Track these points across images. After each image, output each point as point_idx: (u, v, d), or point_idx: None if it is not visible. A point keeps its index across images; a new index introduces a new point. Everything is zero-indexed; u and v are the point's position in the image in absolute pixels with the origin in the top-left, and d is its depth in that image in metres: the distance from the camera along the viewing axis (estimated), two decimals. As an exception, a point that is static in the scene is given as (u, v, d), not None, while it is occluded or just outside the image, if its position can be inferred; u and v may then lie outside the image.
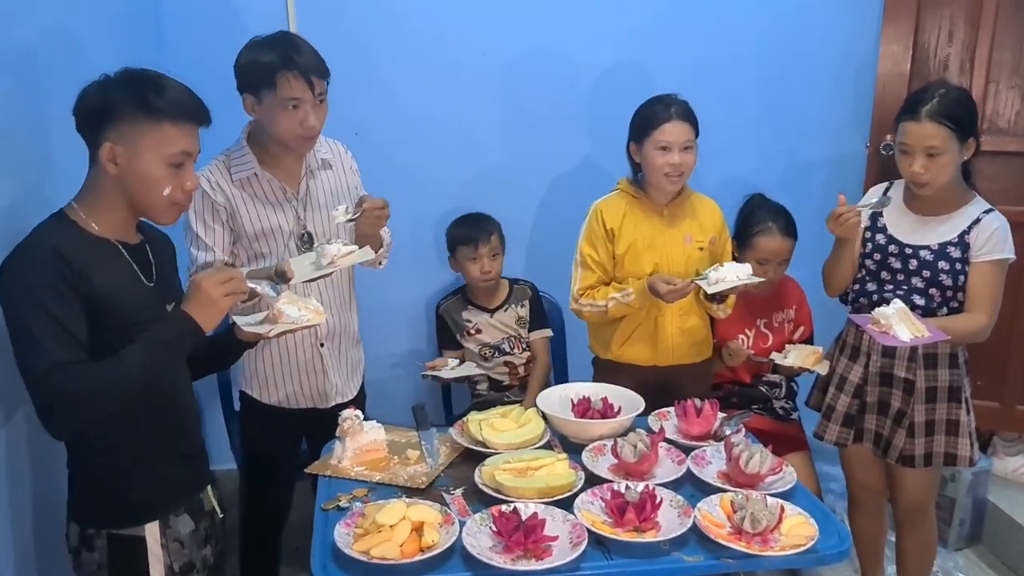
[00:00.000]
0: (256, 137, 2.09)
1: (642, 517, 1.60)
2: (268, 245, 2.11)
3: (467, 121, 2.98)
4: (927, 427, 2.25)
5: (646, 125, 2.33)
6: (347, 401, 2.27)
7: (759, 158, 3.10)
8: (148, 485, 1.58)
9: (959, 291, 2.18)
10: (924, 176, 2.11)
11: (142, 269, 1.57)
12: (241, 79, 2.01)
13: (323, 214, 2.15)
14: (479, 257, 2.72)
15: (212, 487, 1.74)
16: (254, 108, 2.01)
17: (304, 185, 2.14)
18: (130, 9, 2.45)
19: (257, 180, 2.09)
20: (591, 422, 1.99)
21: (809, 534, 1.59)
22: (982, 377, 2.75)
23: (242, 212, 2.07)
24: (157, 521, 1.58)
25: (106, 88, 1.47)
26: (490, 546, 1.56)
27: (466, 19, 2.90)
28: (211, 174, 2.07)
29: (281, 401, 2.23)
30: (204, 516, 1.69)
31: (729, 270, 2.23)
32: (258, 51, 1.98)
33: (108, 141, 1.45)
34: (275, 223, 2.10)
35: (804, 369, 2.53)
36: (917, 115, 2.08)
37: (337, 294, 2.23)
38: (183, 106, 1.50)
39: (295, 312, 1.68)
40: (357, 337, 2.36)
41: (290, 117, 1.97)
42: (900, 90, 2.94)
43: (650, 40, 2.99)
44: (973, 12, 2.87)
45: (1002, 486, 3.04)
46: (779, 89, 3.09)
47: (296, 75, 1.94)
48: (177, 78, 1.55)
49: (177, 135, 1.49)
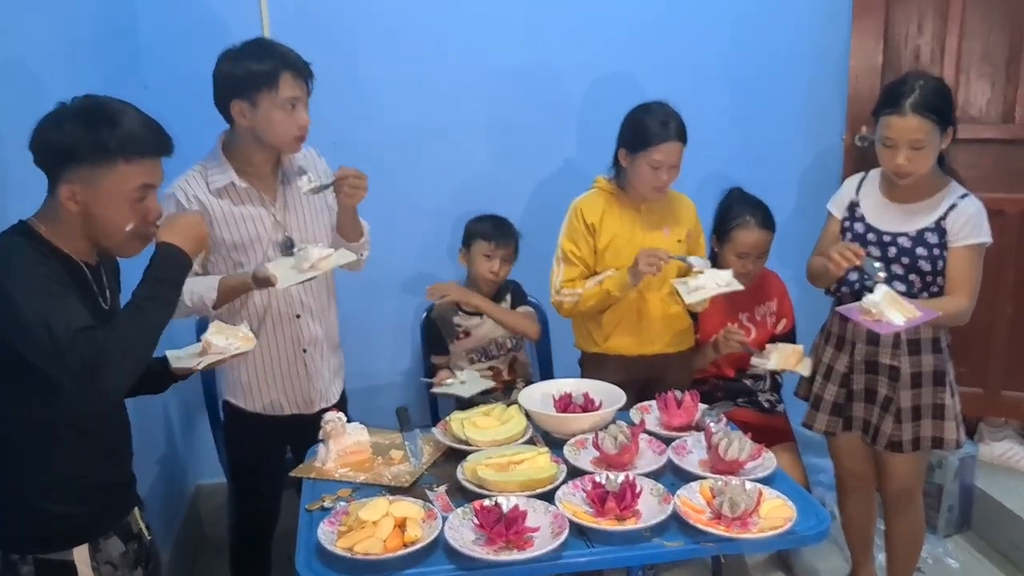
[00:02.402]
0: (231, 147, 2.10)
1: (623, 506, 1.62)
2: (247, 254, 2.11)
3: (447, 127, 3.00)
4: (913, 412, 2.27)
5: (642, 139, 2.34)
6: (330, 406, 2.27)
7: (737, 154, 3.13)
8: (76, 508, 1.53)
9: (939, 276, 2.20)
10: (908, 168, 2.12)
11: (100, 292, 1.56)
12: (231, 87, 2.00)
13: (303, 221, 2.17)
14: (494, 256, 2.75)
15: (139, 510, 1.69)
16: (245, 114, 2.01)
17: (281, 193, 2.16)
18: (106, 25, 2.47)
19: (235, 189, 2.10)
20: (572, 416, 2.01)
21: (787, 516, 1.61)
22: (966, 364, 2.78)
23: (219, 222, 2.08)
24: (87, 544, 1.53)
25: (61, 126, 1.43)
26: (473, 539, 1.57)
27: (444, 26, 2.93)
28: (187, 185, 2.07)
29: (265, 408, 2.24)
30: (133, 538, 1.64)
31: (709, 277, 2.26)
32: (247, 57, 1.99)
33: (66, 183, 1.43)
34: (254, 231, 2.11)
35: (786, 370, 2.56)
36: (900, 109, 2.08)
37: (318, 299, 2.24)
38: (140, 142, 1.46)
39: (223, 342, 1.65)
40: (337, 342, 2.37)
41: (288, 117, 2.01)
42: (873, 82, 2.98)
43: (629, 41, 3.01)
44: (942, 3, 2.91)
45: (989, 471, 3.06)
46: (755, 86, 3.13)
47: (295, 73, 1.99)
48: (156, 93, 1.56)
49: (136, 172, 1.46)
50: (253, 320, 2.14)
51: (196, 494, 3.12)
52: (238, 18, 2.77)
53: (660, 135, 2.31)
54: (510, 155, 3.07)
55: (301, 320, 2.20)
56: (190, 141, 1.58)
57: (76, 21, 2.24)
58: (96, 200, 1.45)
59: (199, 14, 2.77)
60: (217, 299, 2.03)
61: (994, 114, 2.94)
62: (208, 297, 2.02)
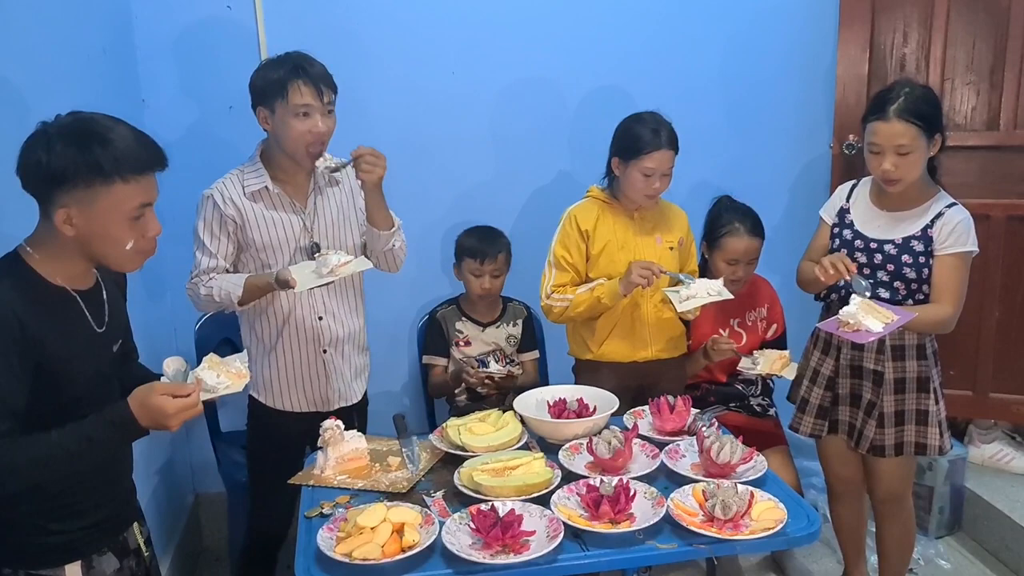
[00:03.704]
0: (268, 155, 2.22)
1: (616, 509, 1.65)
2: (275, 256, 2.21)
3: (441, 139, 3.03)
4: (896, 417, 2.30)
5: (634, 148, 2.38)
6: (351, 405, 2.36)
7: (728, 163, 3.17)
8: (70, 524, 1.51)
9: (924, 283, 2.23)
10: (895, 174, 2.15)
11: (95, 315, 1.52)
12: (255, 95, 2.14)
13: (330, 229, 2.26)
14: (482, 273, 2.77)
15: (139, 524, 1.68)
16: (267, 121, 2.14)
17: (312, 201, 2.25)
18: (103, 40, 2.50)
19: (268, 193, 2.20)
20: (566, 422, 2.04)
21: (778, 518, 1.64)
22: (954, 367, 2.83)
23: (252, 224, 2.18)
24: (79, 561, 1.52)
25: (51, 149, 1.37)
26: (469, 543, 1.60)
27: (439, 39, 2.96)
28: (225, 188, 2.18)
29: (286, 405, 2.31)
30: (130, 554, 1.62)
31: (700, 286, 2.31)
32: (270, 67, 2.13)
33: (62, 206, 1.39)
34: (283, 235, 2.21)
35: (773, 375, 2.61)
36: (885, 114, 2.12)
37: (343, 301, 2.32)
38: (134, 159, 1.42)
39: (213, 379, 1.62)
40: (364, 344, 2.44)
41: (300, 123, 2.10)
42: (860, 91, 3.03)
43: (620, 54, 3.05)
44: (926, 13, 2.96)
45: (979, 473, 3.10)
46: (745, 96, 3.17)
47: (306, 82, 2.08)
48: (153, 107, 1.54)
49: (133, 191, 1.42)
50: (278, 318, 2.25)
51: (196, 503, 3.13)
52: (234, 32, 2.81)
53: (652, 143, 2.35)
54: (504, 166, 3.10)
55: (323, 322, 2.28)
56: (187, 154, 1.59)
57: (74, 36, 2.27)
58: (93, 221, 1.41)
59: (196, 29, 2.80)
60: (243, 296, 2.13)
61: (979, 121, 2.98)
62: (235, 294, 2.13)
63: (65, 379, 1.44)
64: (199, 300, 2.20)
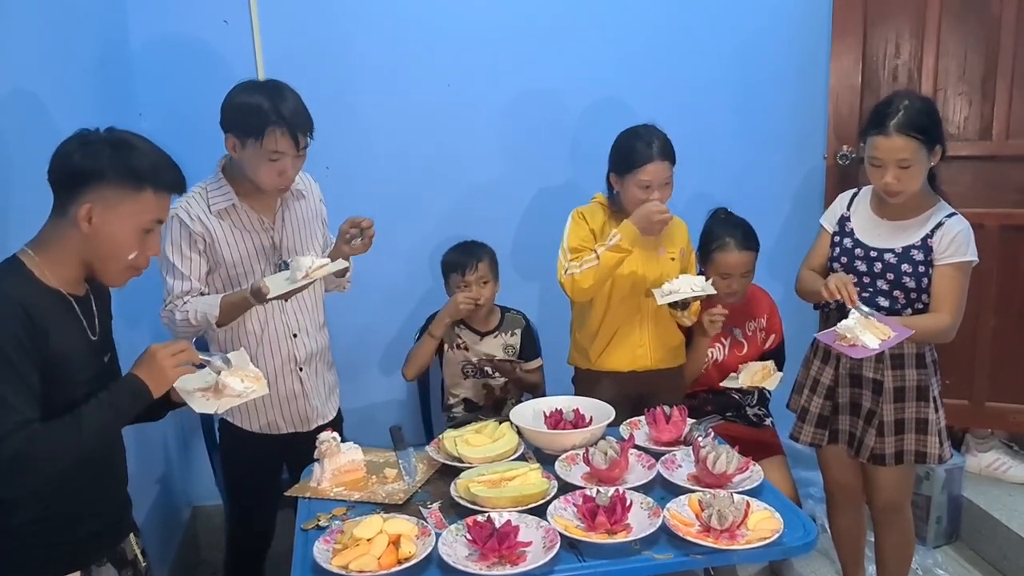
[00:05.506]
0: (231, 171, 2.16)
1: (613, 519, 1.65)
2: (245, 273, 2.17)
3: (439, 152, 3.04)
4: (896, 426, 2.30)
5: (628, 162, 2.39)
6: (327, 423, 2.32)
7: (724, 175, 3.18)
8: (69, 535, 1.52)
9: (923, 293, 2.24)
10: (896, 186, 2.16)
11: (88, 323, 1.56)
12: (228, 120, 2.06)
13: (297, 242, 2.24)
14: (467, 284, 2.75)
15: (135, 535, 1.69)
16: (236, 149, 2.06)
17: (280, 215, 2.22)
18: (102, 53, 2.52)
19: (235, 211, 2.16)
20: (563, 432, 2.04)
21: (775, 527, 1.64)
22: (951, 376, 2.82)
23: (221, 241, 2.14)
24: (79, 572, 1.53)
25: (90, 149, 1.46)
26: (466, 555, 1.60)
27: (438, 52, 2.98)
28: (189, 205, 2.12)
29: (263, 428, 2.27)
30: (127, 565, 1.64)
31: (683, 282, 2.32)
32: (248, 97, 2.03)
33: (87, 202, 1.45)
34: (252, 251, 2.17)
35: (755, 387, 2.61)
36: (885, 129, 2.12)
37: (312, 318, 2.29)
38: (166, 176, 1.53)
39: (239, 385, 1.64)
40: (331, 360, 2.41)
41: (269, 168, 2.05)
42: (853, 102, 3.06)
43: (620, 67, 3.08)
44: (917, 24, 2.99)
45: (976, 482, 3.10)
46: (741, 108, 3.20)
47: (284, 132, 2.01)
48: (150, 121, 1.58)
49: (156, 204, 1.52)
50: (252, 340, 2.19)
51: (193, 516, 3.13)
52: (232, 46, 2.82)
53: (645, 156, 2.36)
54: (503, 177, 3.11)
55: (297, 339, 2.25)
56: (183, 169, 1.61)
57: (72, 50, 2.28)
58: (111, 223, 1.47)
59: (194, 43, 2.82)
60: (220, 316, 2.09)
61: (972, 131, 3.00)
62: (211, 315, 2.08)
63: (65, 378, 1.45)
64: (175, 327, 2.12)
